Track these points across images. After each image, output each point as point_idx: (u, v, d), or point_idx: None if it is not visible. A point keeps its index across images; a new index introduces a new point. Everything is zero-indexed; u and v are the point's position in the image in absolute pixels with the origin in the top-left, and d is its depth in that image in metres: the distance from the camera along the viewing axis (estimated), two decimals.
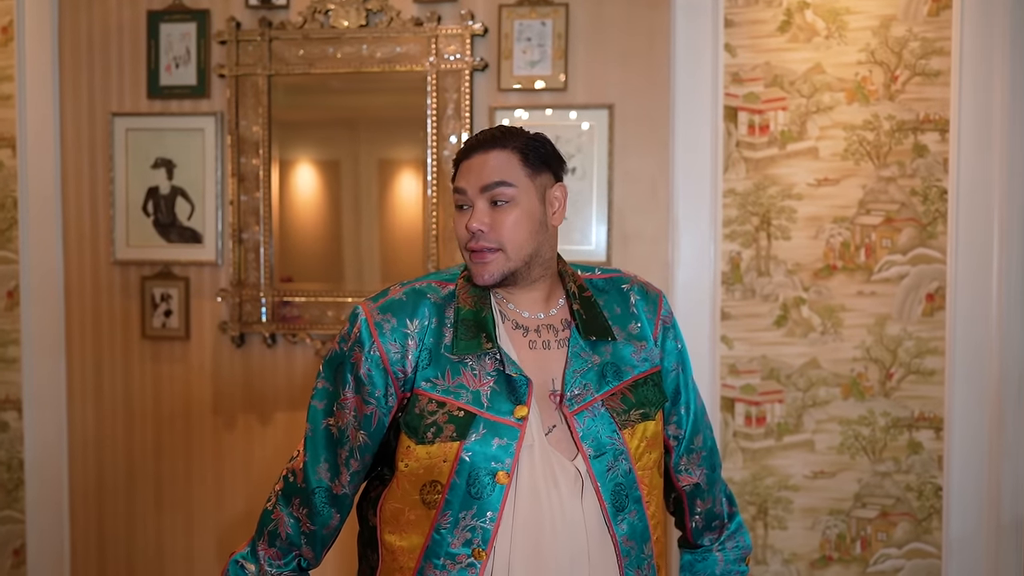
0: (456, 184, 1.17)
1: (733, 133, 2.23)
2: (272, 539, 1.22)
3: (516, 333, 1.17)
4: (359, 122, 2.37)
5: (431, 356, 1.13)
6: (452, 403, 1.11)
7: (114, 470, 2.44)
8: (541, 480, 1.10)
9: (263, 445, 2.39)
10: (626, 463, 1.14)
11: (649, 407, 1.18)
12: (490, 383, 1.12)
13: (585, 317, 1.17)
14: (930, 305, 2.20)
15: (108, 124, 2.39)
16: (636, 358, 1.20)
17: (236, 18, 2.32)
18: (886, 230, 2.20)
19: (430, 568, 1.11)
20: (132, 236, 2.39)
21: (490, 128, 1.20)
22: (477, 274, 1.15)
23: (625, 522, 1.14)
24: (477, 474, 1.09)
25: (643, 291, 1.27)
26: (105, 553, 2.46)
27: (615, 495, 1.13)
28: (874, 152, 2.20)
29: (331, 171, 2.38)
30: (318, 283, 2.34)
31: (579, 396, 1.14)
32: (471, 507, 1.09)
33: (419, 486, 1.12)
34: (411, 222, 2.31)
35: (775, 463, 2.24)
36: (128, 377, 2.43)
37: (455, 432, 1.10)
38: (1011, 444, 2.14)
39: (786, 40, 2.21)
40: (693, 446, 1.31)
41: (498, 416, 1.10)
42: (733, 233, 2.24)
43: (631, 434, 1.15)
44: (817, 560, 2.24)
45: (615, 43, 2.24)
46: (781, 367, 2.23)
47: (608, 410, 1.15)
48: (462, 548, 1.10)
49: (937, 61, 2.17)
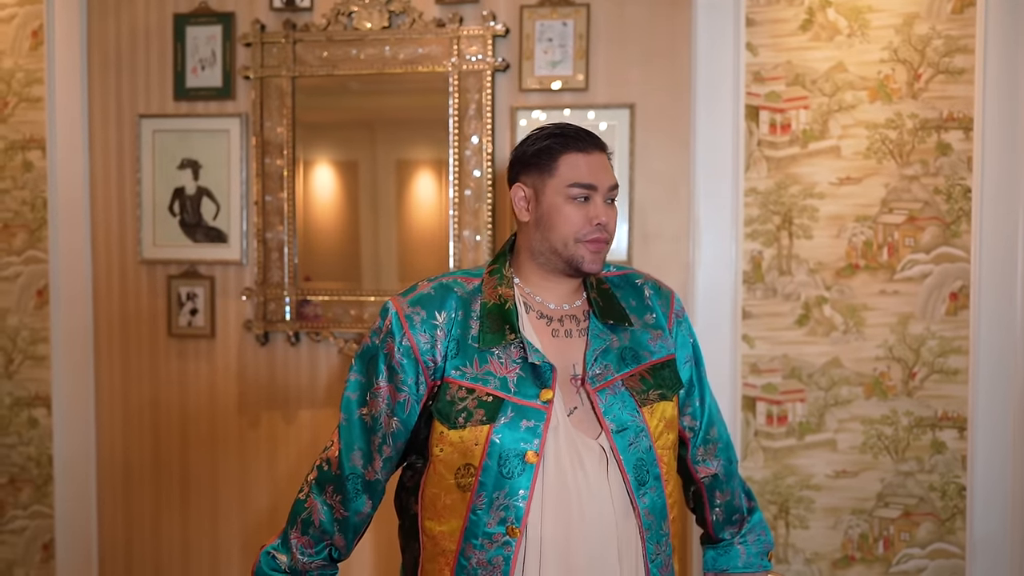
0: (583, 180, 1.20)
1: (755, 132, 2.23)
2: (305, 527, 1.26)
3: (540, 323, 1.23)
4: (381, 123, 2.39)
5: (459, 346, 1.20)
6: (481, 389, 1.17)
7: (141, 467, 2.48)
8: (567, 459, 1.16)
9: (287, 443, 2.42)
10: (647, 440, 1.20)
11: (667, 389, 1.24)
12: (516, 370, 1.18)
13: (602, 304, 1.25)
14: (954, 304, 2.19)
15: (135, 126, 2.43)
16: (653, 345, 1.26)
17: (261, 20, 2.35)
18: (909, 229, 2.20)
19: (470, 549, 1.16)
20: (159, 236, 2.43)
21: (584, 128, 1.24)
22: (591, 260, 1.20)
23: (647, 496, 1.19)
24: (507, 455, 1.15)
25: (656, 287, 1.34)
26: (132, 548, 2.50)
27: (637, 469, 1.18)
28: (897, 151, 2.19)
29: (352, 171, 2.41)
30: (338, 282, 2.36)
31: (600, 375, 1.20)
32: (503, 487, 1.15)
33: (454, 470, 1.18)
34: (431, 222, 2.33)
35: (797, 462, 2.24)
36: (155, 375, 2.46)
37: (485, 416, 1.16)
38: None
39: (808, 39, 2.21)
40: (709, 437, 1.35)
41: (525, 400, 1.16)
42: (755, 232, 2.24)
43: (650, 413, 1.21)
44: (839, 560, 2.23)
45: (636, 43, 2.25)
46: (803, 366, 2.23)
47: (628, 389, 1.21)
48: (498, 527, 1.15)
49: (961, 59, 2.16)
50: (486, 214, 2.28)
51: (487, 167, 2.27)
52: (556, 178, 1.20)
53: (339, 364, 2.38)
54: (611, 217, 1.22)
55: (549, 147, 1.21)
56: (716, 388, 2.21)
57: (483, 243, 2.28)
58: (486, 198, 2.28)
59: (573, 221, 1.19)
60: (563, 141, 1.21)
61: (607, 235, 1.21)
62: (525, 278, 1.25)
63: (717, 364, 2.21)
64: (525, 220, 1.24)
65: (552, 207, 1.20)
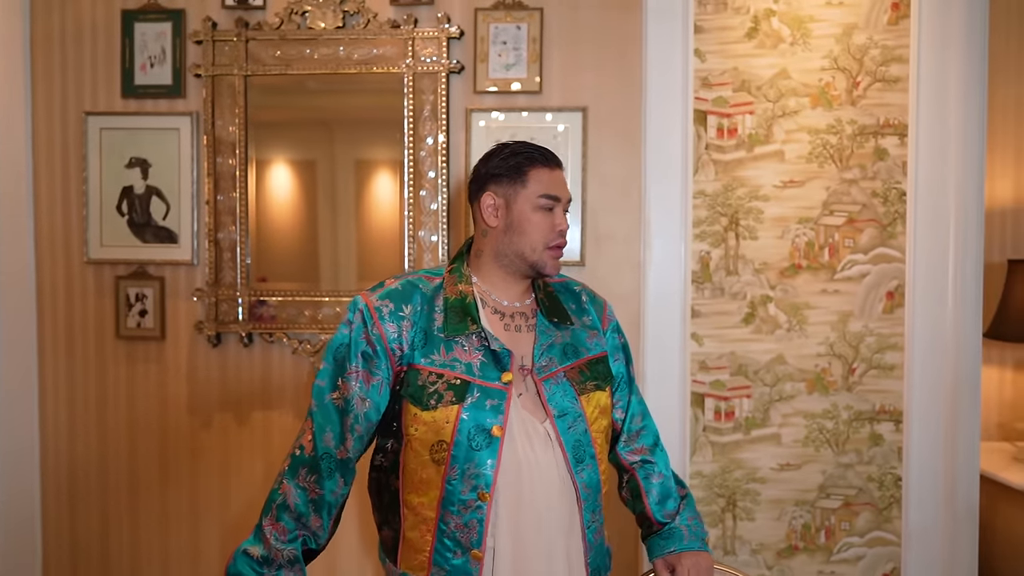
0: (550, 191, 1.37)
1: (703, 136, 2.30)
2: (280, 513, 1.32)
3: (495, 317, 1.38)
4: (335, 123, 2.39)
5: (426, 336, 1.33)
6: (449, 374, 1.31)
7: (87, 471, 2.43)
8: (519, 435, 1.32)
9: (239, 444, 2.39)
10: (583, 424, 1.36)
11: (601, 381, 1.42)
12: (479, 356, 1.33)
13: (548, 304, 1.42)
14: (890, 303, 2.28)
15: (81, 123, 2.37)
16: (590, 343, 1.44)
17: (212, 18, 2.32)
18: (848, 230, 2.29)
19: (448, 515, 1.30)
20: (106, 236, 2.38)
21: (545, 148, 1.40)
22: (553, 266, 1.38)
23: (584, 472, 1.35)
24: (475, 431, 1.29)
25: (591, 295, 1.53)
26: (78, 556, 2.44)
27: (576, 449, 1.34)
28: (837, 155, 2.28)
29: (307, 171, 2.39)
30: (293, 283, 2.35)
31: (546, 367, 1.37)
32: (473, 459, 1.29)
33: (428, 447, 1.30)
34: (387, 222, 2.33)
35: (743, 456, 2.31)
36: (102, 377, 2.41)
37: (454, 397, 1.30)
38: (965, 436, 2.23)
39: (753, 46, 2.28)
40: (634, 426, 1.51)
41: (489, 382, 1.31)
42: (703, 233, 2.31)
43: (587, 400, 1.38)
44: (784, 550, 2.31)
45: (589, 47, 2.29)
46: (749, 363, 2.30)
47: (569, 380, 1.37)
48: (470, 493, 1.29)
49: (896, 68, 2.26)
50: (441, 214, 2.30)
51: (442, 168, 2.29)
52: (527, 189, 1.36)
53: (292, 365, 2.37)
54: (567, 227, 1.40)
55: (519, 163, 1.37)
56: (666, 385, 2.29)
57: (438, 243, 2.30)
58: (441, 198, 2.29)
59: (542, 228, 1.35)
60: (531, 157, 1.37)
61: (566, 242, 1.39)
62: (483, 277, 1.40)
63: (667, 362, 2.27)
64: (493, 226, 1.37)
65: (522, 215, 1.36)
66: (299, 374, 2.37)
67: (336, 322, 2.32)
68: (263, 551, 1.30)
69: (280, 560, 1.29)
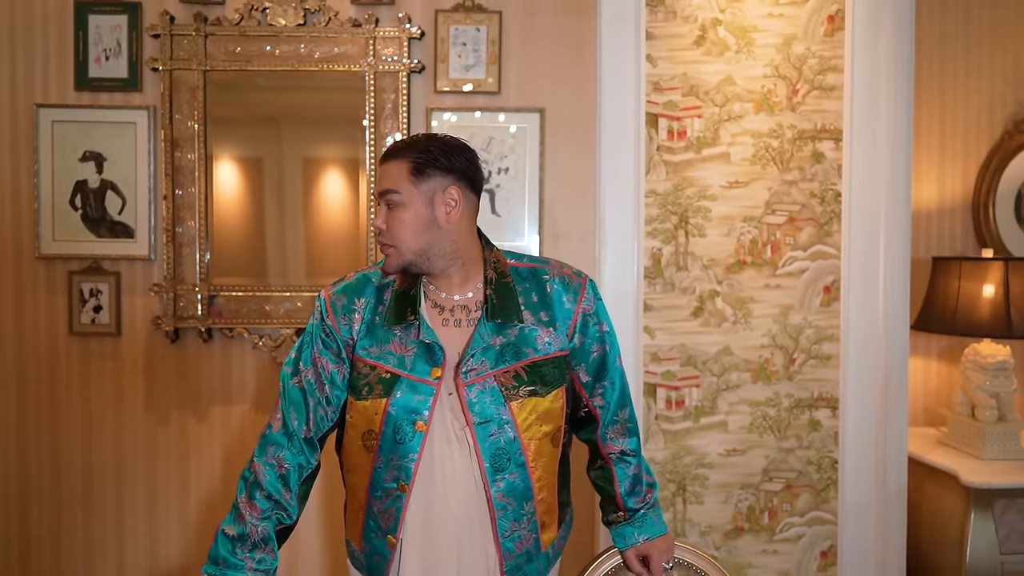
0: (377, 189, 1.36)
1: (654, 138, 2.41)
2: (252, 491, 1.35)
3: (434, 311, 1.38)
4: (296, 120, 2.39)
5: (368, 328, 1.36)
6: (381, 367, 1.34)
7: (39, 467, 2.38)
8: (438, 434, 1.33)
9: (198, 440, 2.39)
10: (511, 431, 1.33)
11: (541, 386, 1.35)
12: (413, 350, 1.34)
13: (496, 301, 1.35)
14: (827, 296, 2.44)
15: (32, 115, 2.33)
16: (539, 343, 1.37)
17: (170, 12, 2.31)
18: (789, 228, 2.43)
19: (373, 500, 1.36)
20: (59, 230, 2.34)
21: (405, 139, 1.35)
22: (387, 263, 1.36)
23: (503, 481, 1.34)
24: (400, 424, 1.32)
25: (564, 282, 1.41)
26: (29, 556, 2.39)
27: (495, 457, 1.33)
28: (778, 158, 2.42)
29: (266, 168, 2.40)
30: (253, 279, 2.35)
31: (474, 371, 1.33)
32: (396, 450, 1.33)
33: (360, 434, 1.37)
34: (346, 219, 2.36)
35: (693, 443, 2.43)
36: (54, 373, 2.37)
37: (383, 391, 1.33)
38: (894, 421, 2.40)
39: (701, 53, 2.40)
40: (618, 417, 1.49)
41: (417, 376, 1.33)
42: (654, 231, 2.41)
43: (519, 407, 1.34)
44: (730, 531, 2.44)
45: (546, 51, 2.37)
46: (698, 354, 2.42)
47: (498, 385, 1.33)
48: (392, 483, 1.34)
49: (832, 77, 2.41)
50: None
51: None
52: None
53: (253, 360, 2.38)
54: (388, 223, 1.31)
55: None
56: None
57: None
58: None
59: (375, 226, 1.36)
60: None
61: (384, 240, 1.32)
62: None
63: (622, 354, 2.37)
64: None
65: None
66: (260, 369, 2.38)
67: (298, 317, 2.34)
68: (239, 528, 1.33)
69: (255, 538, 1.32)
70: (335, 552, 2.40)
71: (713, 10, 2.39)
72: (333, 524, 2.40)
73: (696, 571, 1.56)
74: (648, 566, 1.49)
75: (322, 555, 2.41)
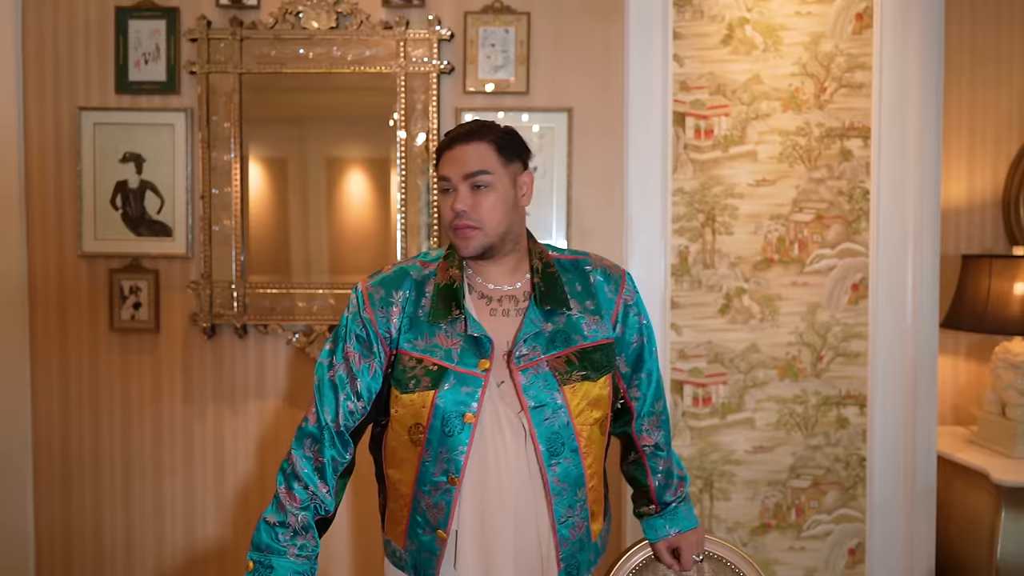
0: (440, 172, 1.36)
1: (681, 136, 2.42)
2: (291, 482, 1.37)
3: (480, 302, 1.38)
4: (328, 121, 2.44)
5: (411, 322, 1.36)
6: (428, 360, 1.34)
7: (80, 460, 2.46)
8: (489, 425, 1.33)
9: (234, 434, 2.45)
10: (564, 417, 1.34)
11: (591, 371, 1.37)
12: (460, 343, 1.34)
13: (544, 289, 1.37)
14: (855, 294, 2.44)
15: (75, 118, 2.40)
16: (587, 330, 1.39)
17: (206, 16, 2.37)
18: (816, 226, 2.43)
19: (420, 494, 1.37)
20: (100, 229, 2.41)
21: (468, 122, 1.38)
22: (461, 247, 1.35)
23: (559, 466, 1.34)
24: (448, 416, 1.32)
25: (606, 273, 1.45)
26: (71, 546, 2.47)
27: (550, 441, 1.33)
28: (806, 156, 2.42)
29: (296, 168, 2.45)
30: (288, 275, 2.41)
31: (526, 356, 1.34)
32: (445, 443, 1.33)
33: (407, 428, 1.37)
34: (375, 217, 2.41)
35: (720, 440, 2.44)
36: (95, 368, 2.45)
37: (430, 383, 1.33)
38: (922, 418, 2.39)
39: (728, 52, 2.42)
40: (654, 410, 1.51)
41: (465, 369, 1.33)
42: (681, 229, 2.43)
43: (572, 392, 1.35)
44: (757, 528, 2.45)
45: (573, 51, 2.40)
46: (725, 351, 2.43)
47: (551, 370, 1.34)
48: (441, 476, 1.34)
49: (860, 74, 2.41)
50: (431, 210, 2.38)
51: (433, 166, 2.37)
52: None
53: (287, 355, 2.43)
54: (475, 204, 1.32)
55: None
56: None
57: (429, 237, 2.39)
58: (431, 195, 2.38)
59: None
60: (442, 142, 1.37)
61: (468, 222, 1.32)
62: (469, 262, 1.40)
63: None
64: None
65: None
66: (293, 364, 2.44)
67: (331, 313, 2.39)
68: (280, 516, 1.36)
69: (295, 526, 1.35)
70: (365, 551, 2.45)
71: (740, 9, 2.40)
72: (363, 523, 2.44)
73: (726, 564, 1.58)
74: (679, 558, 1.52)
75: (352, 553, 2.46)
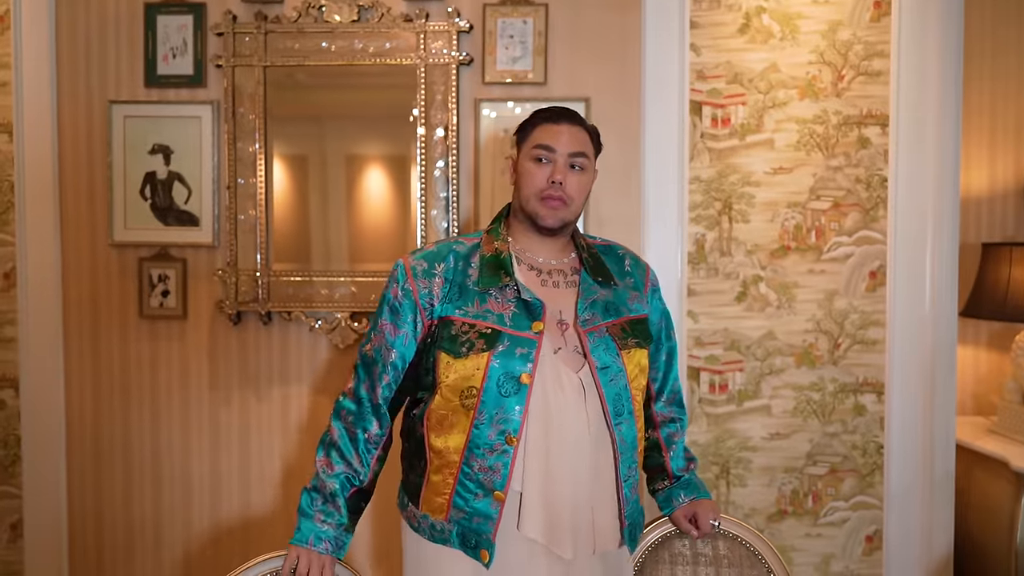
0: (543, 142, 1.42)
1: (698, 125, 2.44)
2: (328, 450, 1.45)
3: (531, 274, 1.45)
4: (349, 119, 2.48)
5: (460, 291, 1.41)
6: (481, 324, 1.38)
7: (111, 446, 2.53)
8: (550, 384, 1.37)
9: (259, 420, 2.51)
10: (623, 380, 1.41)
11: (641, 339, 1.47)
12: (511, 307, 1.39)
13: (593, 264, 1.48)
14: (872, 282, 2.44)
15: (106, 111, 2.48)
16: (631, 304, 1.50)
17: (232, 11, 2.43)
18: (834, 214, 2.44)
19: (473, 458, 1.37)
20: (130, 219, 2.48)
21: (564, 107, 1.46)
22: (545, 216, 1.41)
23: (622, 426, 1.40)
24: (504, 378, 1.35)
25: (635, 258, 1.59)
26: (103, 528, 2.54)
27: (615, 403, 1.39)
28: (823, 144, 2.43)
29: (317, 160, 2.50)
30: (310, 264, 2.46)
31: (589, 320, 1.42)
32: (501, 404, 1.35)
33: (459, 393, 1.38)
34: (398, 207, 2.45)
35: (736, 426, 2.46)
36: (125, 355, 2.52)
37: (485, 346, 1.36)
38: (941, 406, 2.39)
39: (745, 41, 2.43)
40: (674, 389, 1.60)
41: (519, 331, 1.37)
42: (698, 217, 2.45)
43: (628, 357, 1.43)
44: (774, 514, 2.46)
45: (591, 41, 2.43)
46: (741, 339, 2.45)
47: (611, 336, 1.42)
48: (497, 437, 1.35)
49: (878, 62, 2.41)
50: (451, 200, 2.42)
51: (452, 156, 2.41)
52: (528, 142, 1.45)
53: (310, 343, 2.49)
54: (569, 180, 1.41)
55: (530, 120, 1.47)
56: None
57: (449, 227, 2.43)
58: (451, 185, 2.42)
59: (535, 178, 1.41)
60: (540, 114, 1.46)
61: (560, 193, 1.40)
62: (516, 237, 1.48)
63: None
64: (512, 183, 1.47)
65: (521, 167, 1.45)
66: (316, 351, 2.49)
67: (352, 301, 2.44)
68: (314, 482, 1.44)
69: (324, 492, 1.42)
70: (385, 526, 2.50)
71: None
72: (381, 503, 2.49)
73: (741, 542, 1.60)
74: (697, 525, 1.56)
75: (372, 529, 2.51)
